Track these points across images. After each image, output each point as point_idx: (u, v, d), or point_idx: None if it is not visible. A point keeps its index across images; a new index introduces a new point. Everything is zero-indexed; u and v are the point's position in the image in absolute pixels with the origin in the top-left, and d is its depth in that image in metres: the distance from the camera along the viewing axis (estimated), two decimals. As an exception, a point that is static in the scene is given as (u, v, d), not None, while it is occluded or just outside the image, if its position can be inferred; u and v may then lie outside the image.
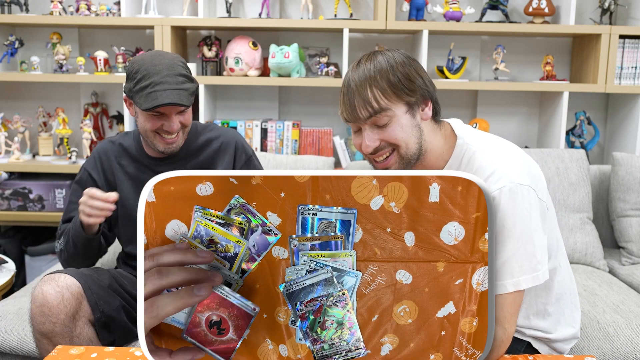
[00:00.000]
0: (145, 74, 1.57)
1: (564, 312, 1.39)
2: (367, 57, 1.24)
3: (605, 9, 2.65)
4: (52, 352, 1.17)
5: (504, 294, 1.17)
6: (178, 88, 1.58)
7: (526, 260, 1.17)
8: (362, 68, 1.23)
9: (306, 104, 2.93)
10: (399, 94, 1.21)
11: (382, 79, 1.20)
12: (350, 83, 1.23)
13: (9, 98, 2.91)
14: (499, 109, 2.92)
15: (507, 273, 1.17)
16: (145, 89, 1.57)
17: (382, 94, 1.20)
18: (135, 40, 2.85)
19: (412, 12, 2.66)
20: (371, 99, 1.20)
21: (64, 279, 1.52)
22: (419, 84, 1.23)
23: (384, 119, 1.22)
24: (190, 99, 1.61)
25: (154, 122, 1.62)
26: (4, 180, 2.70)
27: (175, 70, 1.60)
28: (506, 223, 1.17)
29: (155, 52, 1.65)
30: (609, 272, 2.32)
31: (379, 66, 1.22)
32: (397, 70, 1.21)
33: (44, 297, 1.47)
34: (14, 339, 1.69)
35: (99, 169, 1.77)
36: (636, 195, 2.35)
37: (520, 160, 1.25)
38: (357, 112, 1.22)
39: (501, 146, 1.29)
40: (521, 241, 1.17)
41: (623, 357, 1.69)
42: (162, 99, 1.56)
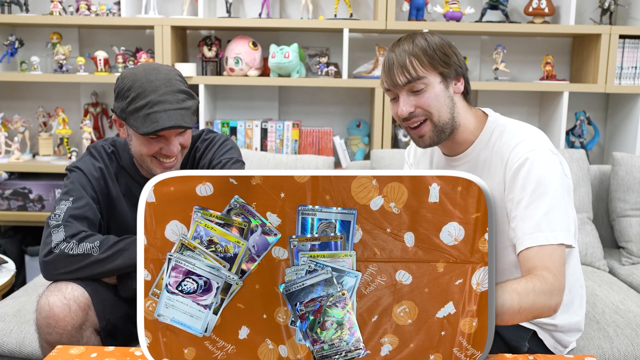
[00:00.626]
0: (140, 91, 1.41)
1: (573, 301, 1.42)
2: (408, 36, 1.36)
3: (605, 9, 2.65)
4: (52, 352, 1.17)
5: (547, 245, 1.20)
6: (179, 108, 1.42)
7: (562, 219, 1.23)
8: (403, 44, 1.34)
9: (306, 104, 2.93)
10: (434, 64, 1.32)
11: (420, 51, 1.32)
12: (391, 55, 1.34)
13: (9, 98, 2.91)
14: (499, 109, 2.88)
15: (547, 226, 1.22)
16: (141, 110, 1.40)
17: (419, 62, 1.31)
18: (135, 40, 2.85)
19: (412, 12, 2.66)
20: (409, 66, 1.31)
21: (71, 290, 1.41)
22: (453, 60, 1.34)
23: (420, 85, 1.31)
24: (192, 119, 1.46)
25: (152, 146, 1.46)
26: (4, 180, 2.70)
27: (173, 86, 1.44)
28: (542, 180, 1.24)
29: (149, 65, 1.48)
30: (609, 272, 2.32)
31: (418, 42, 1.33)
32: (435, 45, 1.33)
33: (51, 309, 1.38)
34: (13, 341, 1.68)
35: (97, 181, 1.57)
36: (636, 195, 2.35)
37: (547, 138, 1.36)
38: (396, 78, 1.32)
39: (530, 126, 1.40)
40: (557, 200, 1.24)
41: (623, 357, 1.69)
42: (163, 121, 1.40)
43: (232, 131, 2.71)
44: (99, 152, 1.61)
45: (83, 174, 1.55)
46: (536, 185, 1.24)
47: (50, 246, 1.42)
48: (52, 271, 1.43)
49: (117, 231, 1.54)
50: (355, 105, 2.92)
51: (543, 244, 1.20)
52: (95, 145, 1.64)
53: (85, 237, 1.43)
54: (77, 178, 1.54)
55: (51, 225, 1.45)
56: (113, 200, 1.59)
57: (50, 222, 1.46)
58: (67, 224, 1.45)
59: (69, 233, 1.43)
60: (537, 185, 1.24)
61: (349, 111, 2.92)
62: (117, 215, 1.59)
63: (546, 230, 1.21)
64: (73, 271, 1.42)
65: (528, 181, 1.25)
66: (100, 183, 1.57)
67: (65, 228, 1.44)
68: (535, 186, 1.24)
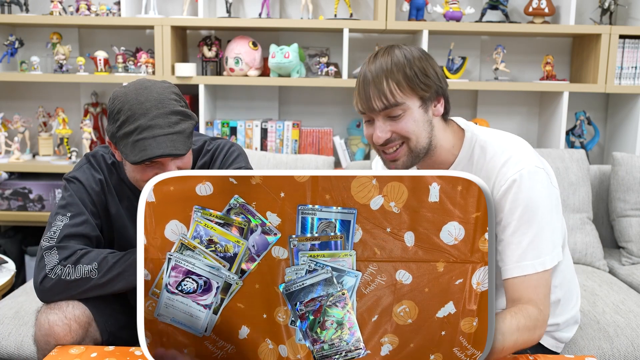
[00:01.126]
0: (129, 115, 1.30)
1: (571, 297, 1.44)
2: (385, 50, 1.26)
3: (605, 9, 2.65)
4: (52, 352, 1.17)
5: (532, 274, 1.19)
6: (171, 132, 1.30)
7: (549, 239, 1.21)
8: (380, 60, 1.24)
9: (306, 104, 2.93)
10: (414, 87, 1.23)
11: (399, 71, 1.22)
12: (367, 74, 1.24)
13: (9, 98, 2.91)
14: (499, 109, 2.92)
15: (533, 253, 1.19)
16: (130, 136, 1.30)
17: (398, 86, 1.22)
18: (135, 40, 2.85)
19: (412, 12, 2.66)
20: (387, 90, 1.22)
21: (72, 309, 1.34)
22: (434, 79, 1.26)
23: (398, 111, 1.23)
24: (187, 143, 1.33)
25: (146, 173, 1.35)
26: (4, 180, 2.70)
27: (165, 107, 1.32)
28: (530, 203, 1.20)
29: (141, 84, 1.36)
30: (609, 272, 2.32)
31: (396, 59, 1.23)
32: (414, 64, 1.23)
33: (51, 327, 1.32)
34: (11, 344, 1.68)
35: (98, 195, 1.50)
36: (636, 195, 2.35)
37: (530, 148, 1.31)
38: (372, 103, 1.23)
39: (509, 135, 1.34)
40: (545, 220, 1.21)
41: (623, 357, 1.69)
42: (152, 150, 1.28)
43: (232, 131, 2.71)
44: (98, 162, 1.51)
45: (83, 187, 1.47)
46: (524, 209, 1.20)
47: (45, 271, 1.34)
48: (50, 298, 1.36)
49: (119, 245, 1.50)
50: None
51: (529, 274, 1.19)
52: (94, 153, 1.53)
53: (81, 257, 1.35)
54: (77, 191, 1.46)
55: (43, 247, 1.37)
56: (113, 215, 1.52)
57: (43, 243, 1.38)
58: (60, 245, 1.37)
59: (63, 255, 1.35)
60: (525, 209, 1.20)
61: (349, 111, 2.92)
62: (117, 229, 1.53)
63: (532, 258, 1.19)
64: (72, 296, 1.36)
65: (516, 205, 1.20)
66: (101, 197, 1.49)
67: (58, 250, 1.36)
68: (522, 210, 1.20)
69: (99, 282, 1.34)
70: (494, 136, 1.32)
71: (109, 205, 1.50)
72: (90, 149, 2.74)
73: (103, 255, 1.37)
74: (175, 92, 1.37)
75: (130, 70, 2.70)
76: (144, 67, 2.63)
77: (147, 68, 2.64)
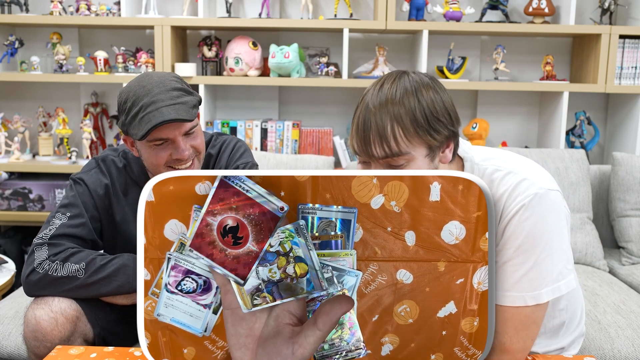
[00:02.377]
0: (134, 100, 1.35)
1: (573, 318, 1.32)
2: (392, 82, 1.09)
3: (605, 9, 2.65)
4: (51, 352, 1.17)
5: (521, 307, 1.09)
6: (173, 103, 1.33)
7: (549, 271, 1.09)
8: (388, 98, 1.06)
9: (306, 104, 2.93)
10: (421, 134, 1.06)
11: (407, 115, 1.05)
12: (368, 113, 1.07)
13: (9, 98, 2.91)
14: (499, 109, 2.92)
15: (527, 285, 1.08)
16: (136, 117, 1.34)
17: (404, 132, 1.05)
18: (135, 40, 2.85)
19: (412, 12, 2.66)
20: (390, 137, 1.05)
21: (57, 303, 1.35)
22: (446, 123, 1.08)
23: (400, 161, 1.07)
24: (190, 112, 1.35)
25: (160, 154, 1.37)
26: (4, 180, 2.69)
27: (166, 85, 1.36)
28: (535, 231, 1.07)
29: (143, 74, 1.43)
30: (609, 272, 2.32)
31: (406, 100, 1.06)
32: (426, 105, 1.06)
33: (37, 322, 1.33)
34: (11, 344, 1.68)
35: (101, 200, 1.51)
36: (636, 195, 2.35)
37: (540, 167, 1.16)
38: (372, 149, 1.07)
39: (514, 157, 1.19)
40: (547, 251, 1.08)
41: (624, 357, 1.69)
42: (156, 119, 1.31)
43: (232, 131, 2.71)
44: (107, 166, 1.53)
45: (87, 189, 1.48)
46: (524, 238, 1.07)
47: (33, 265, 1.35)
48: (35, 292, 1.37)
49: (123, 249, 1.49)
50: (355, 105, 2.91)
51: (518, 305, 1.09)
52: (104, 157, 1.55)
53: (70, 256, 1.36)
54: (81, 193, 1.48)
55: (36, 243, 1.39)
56: (118, 220, 1.53)
57: (36, 239, 1.39)
58: (52, 242, 1.38)
59: (52, 252, 1.36)
60: (526, 238, 1.07)
61: (349, 111, 2.91)
62: (122, 233, 1.53)
63: (524, 290, 1.08)
64: (58, 293, 1.37)
65: (520, 231, 1.07)
66: (104, 202, 1.50)
67: (49, 247, 1.37)
68: (523, 240, 1.08)
69: (85, 282, 1.35)
70: (492, 164, 1.16)
71: (113, 210, 1.52)
72: (90, 149, 2.74)
73: (92, 256, 1.37)
74: (175, 76, 1.41)
75: (130, 70, 2.70)
76: (144, 67, 2.63)
77: (147, 68, 2.63)
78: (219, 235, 0.74)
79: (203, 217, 0.72)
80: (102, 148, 2.86)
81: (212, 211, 0.73)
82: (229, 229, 0.73)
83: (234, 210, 0.72)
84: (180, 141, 1.36)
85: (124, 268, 1.36)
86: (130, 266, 1.37)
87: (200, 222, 0.72)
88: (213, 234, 0.73)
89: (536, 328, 1.12)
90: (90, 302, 1.41)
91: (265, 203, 0.72)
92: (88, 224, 1.46)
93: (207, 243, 0.74)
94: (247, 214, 0.73)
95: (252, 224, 0.73)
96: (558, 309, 1.24)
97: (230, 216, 0.73)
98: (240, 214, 0.72)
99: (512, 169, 1.13)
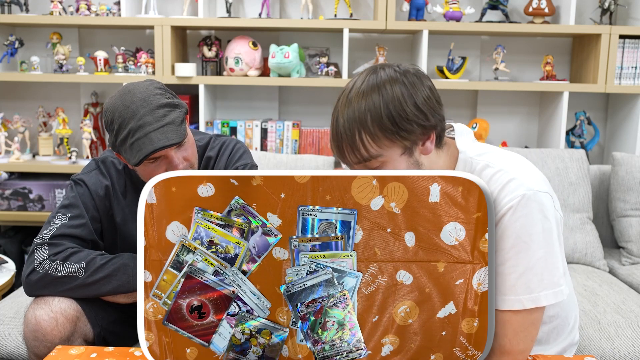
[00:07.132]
0: (120, 122, 1.34)
1: (567, 324, 1.29)
2: (362, 83, 1.09)
3: (605, 9, 2.65)
4: (52, 352, 1.17)
5: (520, 310, 1.09)
6: (161, 126, 1.34)
7: (547, 273, 1.08)
8: (353, 106, 1.07)
9: (306, 104, 2.93)
10: (392, 138, 1.07)
11: (374, 122, 1.05)
12: (339, 122, 1.08)
13: (9, 98, 2.91)
14: (499, 109, 2.92)
15: (524, 287, 1.07)
16: (126, 141, 1.34)
17: (373, 140, 1.06)
18: (135, 40, 2.85)
19: (412, 12, 2.66)
20: (359, 145, 1.07)
21: (57, 303, 1.36)
22: (419, 120, 1.07)
23: (375, 163, 1.09)
24: (179, 131, 1.36)
25: (156, 171, 1.36)
26: (4, 180, 2.70)
27: (151, 103, 1.35)
28: (525, 231, 1.07)
29: (125, 89, 1.39)
30: (609, 272, 2.32)
31: (371, 103, 1.06)
32: (394, 108, 1.06)
33: (37, 322, 1.34)
34: (11, 344, 1.68)
35: (101, 201, 1.51)
36: (636, 195, 2.35)
37: (533, 168, 1.16)
38: (346, 157, 1.11)
39: (510, 155, 1.19)
40: (541, 252, 1.07)
41: (624, 357, 1.69)
42: (146, 147, 1.32)
43: (232, 131, 2.71)
44: (107, 168, 1.54)
45: (88, 190, 1.49)
46: (516, 239, 1.07)
47: (33, 265, 1.36)
48: (35, 291, 1.39)
49: (123, 250, 1.49)
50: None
51: (516, 309, 1.09)
52: (104, 159, 1.56)
53: (70, 255, 1.37)
54: (81, 194, 1.49)
55: (36, 243, 1.40)
56: (118, 221, 1.53)
57: (37, 239, 1.41)
58: (52, 242, 1.39)
59: (52, 251, 1.37)
60: (517, 239, 1.07)
61: (349, 111, 2.91)
62: (122, 234, 1.54)
63: (521, 293, 1.08)
64: (58, 292, 1.37)
65: (510, 233, 1.08)
66: (105, 203, 1.51)
67: (49, 246, 1.38)
68: (515, 241, 1.07)
69: (85, 281, 1.36)
70: (493, 157, 1.16)
71: (113, 212, 1.52)
72: (90, 149, 2.75)
73: (92, 256, 1.39)
74: (158, 86, 1.40)
75: (130, 70, 2.70)
76: (144, 67, 2.63)
77: (147, 68, 2.64)
78: (187, 312, 1.05)
79: (176, 299, 1.06)
80: (102, 148, 2.86)
81: (182, 295, 1.05)
82: (194, 307, 1.06)
83: (197, 295, 1.06)
84: (173, 156, 1.38)
85: (124, 267, 1.38)
86: (131, 265, 1.38)
87: (174, 303, 1.05)
88: (183, 312, 1.06)
89: (535, 329, 1.12)
90: (91, 302, 1.41)
91: (220, 288, 1.05)
92: (88, 224, 1.47)
93: (179, 318, 1.06)
94: (207, 298, 1.05)
95: (212, 303, 1.04)
96: (548, 315, 1.22)
97: (195, 299, 1.05)
98: (202, 296, 1.05)
99: (503, 166, 1.12)
